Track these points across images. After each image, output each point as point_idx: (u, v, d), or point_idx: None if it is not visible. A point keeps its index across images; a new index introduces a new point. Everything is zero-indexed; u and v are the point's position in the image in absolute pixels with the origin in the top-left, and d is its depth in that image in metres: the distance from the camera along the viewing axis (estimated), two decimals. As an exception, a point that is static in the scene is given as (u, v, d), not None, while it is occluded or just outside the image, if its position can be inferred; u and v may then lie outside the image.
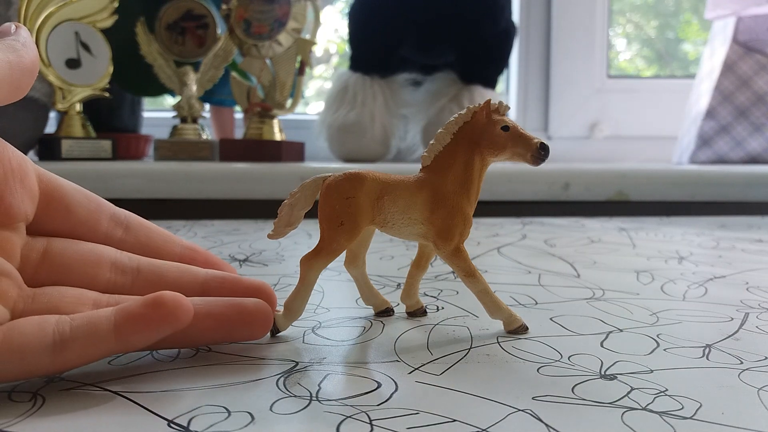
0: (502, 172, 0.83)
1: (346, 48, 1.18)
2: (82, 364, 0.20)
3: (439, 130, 0.28)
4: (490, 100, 0.27)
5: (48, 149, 0.83)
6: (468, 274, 0.28)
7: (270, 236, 0.28)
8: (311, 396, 0.21)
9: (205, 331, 0.24)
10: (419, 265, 0.31)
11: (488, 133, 0.27)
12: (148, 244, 0.26)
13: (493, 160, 0.28)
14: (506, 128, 0.27)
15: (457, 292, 0.37)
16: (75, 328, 0.20)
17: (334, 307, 0.33)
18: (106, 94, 0.85)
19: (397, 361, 0.25)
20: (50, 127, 0.91)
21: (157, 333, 0.20)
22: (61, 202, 0.24)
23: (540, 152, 0.26)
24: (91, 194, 0.25)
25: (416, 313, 0.31)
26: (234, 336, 0.25)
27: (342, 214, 0.26)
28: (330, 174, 0.28)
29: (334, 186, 0.27)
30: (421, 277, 0.31)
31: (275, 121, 0.93)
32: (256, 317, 0.25)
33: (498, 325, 0.29)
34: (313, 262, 0.27)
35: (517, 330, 0.28)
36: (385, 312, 0.31)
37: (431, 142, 0.28)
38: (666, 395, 0.21)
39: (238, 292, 0.26)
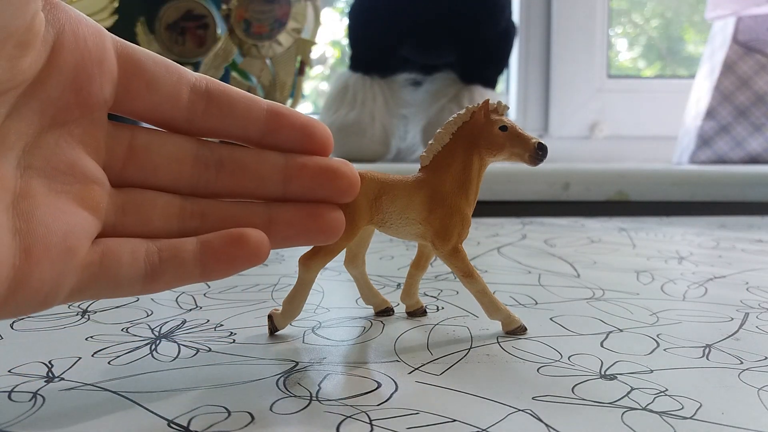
0: (502, 172, 0.83)
1: (344, 51, 1.18)
2: (167, 289, 0.22)
3: (438, 130, 0.28)
4: (488, 100, 0.27)
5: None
6: (466, 274, 0.28)
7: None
8: (311, 396, 0.21)
9: (282, 241, 0.24)
10: (419, 265, 0.31)
11: (487, 133, 0.27)
12: (231, 113, 0.24)
13: (491, 160, 0.28)
14: (504, 128, 0.27)
15: (457, 292, 0.37)
16: (164, 261, 0.21)
17: (334, 307, 0.33)
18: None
19: (397, 361, 0.25)
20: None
21: (239, 269, 0.22)
22: (142, 78, 0.21)
23: (538, 152, 0.26)
24: (170, 64, 0.23)
25: (416, 313, 0.31)
26: (311, 241, 0.24)
27: (341, 214, 0.26)
28: (330, 174, 0.27)
29: (334, 186, 0.27)
30: (421, 277, 0.31)
31: (275, 122, 0.93)
32: (329, 223, 0.24)
33: (498, 325, 0.29)
34: (311, 262, 0.27)
35: (516, 331, 0.28)
36: (385, 312, 0.31)
37: (430, 142, 0.28)
38: (666, 395, 0.21)
39: (321, 176, 0.24)
